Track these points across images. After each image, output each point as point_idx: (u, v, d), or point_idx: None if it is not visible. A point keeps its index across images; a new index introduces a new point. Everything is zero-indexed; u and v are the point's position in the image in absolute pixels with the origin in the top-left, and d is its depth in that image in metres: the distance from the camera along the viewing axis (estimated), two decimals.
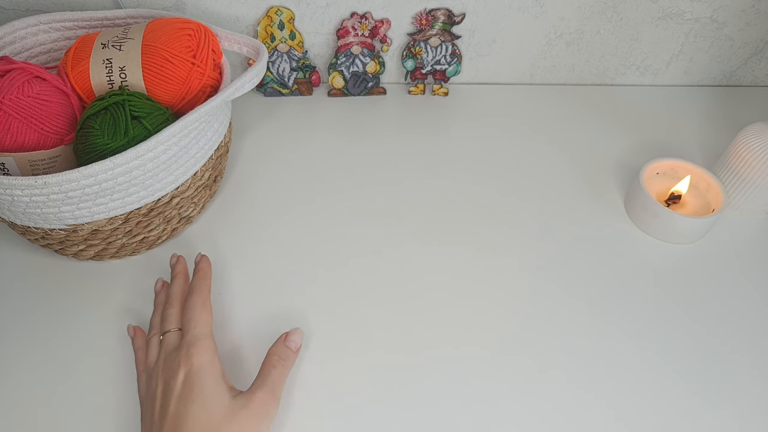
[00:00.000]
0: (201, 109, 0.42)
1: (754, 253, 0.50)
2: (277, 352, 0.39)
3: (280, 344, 0.39)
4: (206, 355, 0.35)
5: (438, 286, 0.46)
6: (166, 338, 0.38)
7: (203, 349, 0.36)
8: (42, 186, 0.37)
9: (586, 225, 0.52)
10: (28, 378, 0.40)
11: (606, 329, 0.44)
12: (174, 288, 0.42)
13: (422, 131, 0.61)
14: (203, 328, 0.37)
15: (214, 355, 0.36)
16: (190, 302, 0.39)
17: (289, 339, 0.40)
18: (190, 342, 0.36)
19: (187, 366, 0.35)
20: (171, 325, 0.38)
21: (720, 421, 0.39)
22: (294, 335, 0.40)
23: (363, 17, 0.59)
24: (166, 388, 0.34)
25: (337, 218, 0.51)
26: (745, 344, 0.44)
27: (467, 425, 0.38)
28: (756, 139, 0.49)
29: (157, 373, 0.36)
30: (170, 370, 0.35)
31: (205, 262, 0.44)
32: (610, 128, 0.62)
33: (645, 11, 0.60)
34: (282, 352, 0.39)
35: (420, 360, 0.42)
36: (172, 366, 0.35)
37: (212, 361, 0.36)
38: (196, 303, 0.39)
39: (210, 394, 0.34)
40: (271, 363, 0.38)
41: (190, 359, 0.35)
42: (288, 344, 0.39)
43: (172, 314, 0.39)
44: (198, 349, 0.35)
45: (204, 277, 0.42)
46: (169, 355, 0.36)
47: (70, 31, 0.52)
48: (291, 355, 0.39)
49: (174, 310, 0.40)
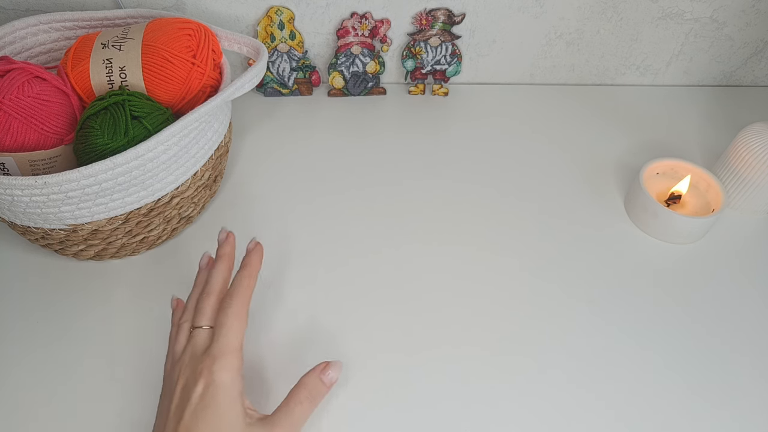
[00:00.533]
0: (201, 109, 0.42)
1: (754, 253, 0.50)
2: (308, 385, 0.36)
3: (315, 377, 0.36)
4: (230, 372, 0.33)
5: (438, 286, 0.46)
6: (194, 334, 0.35)
7: (229, 365, 0.33)
8: (42, 186, 0.37)
9: (586, 225, 0.52)
10: (28, 378, 0.40)
11: (606, 329, 0.44)
12: (215, 276, 0.38)
13: (422, 131, 0.61)
14: (234, 339, 0.34)
15: (237, 374, 0.34)
16: (229, 306, 0.35)
17: (325, 373, 0.36)
18: (217, 355, 0.33)
19: (208, 379, 0.32)
20: (203, 320, 0.36)
21: (720, 421, 0.39)
22: (333, 370, 0.37)
23: (363, 17, 0.59)
24: (184, 393, 0.33)
25: (337, 218, 0.51)
26: (745, 344, 0.44)
27: (467, 425, 0.38)
28: (756, 139, 0.49)
29: (182, 367, 0.34)
30: (192, 374, 0.33)
31: (257, 254, 0.40)
32: (610, 128, 0.62)
33: (645, 11, 0.60)
34: (314, 388, 0.36)
35: (420, 360, 0.42)
36: (195, 371, 0.33)
37: (234, 379, 0.33)
38: (234, 309, 0.35)
39: (223, 415, 0.32)
40: (298, 398, 0.35)
41: (212, 374, 0.33)
42: (324, 379, 0.36)
43: (207, 308, 0.36)
44: (223, 364, 0.33)
45: (251, 275, 0.38)
46: (194, 355, 0.34)
47: (70, 31, 0.52)
48: (323, 391, 0.36)
49: (209, 303, 0.36)
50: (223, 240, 0.41)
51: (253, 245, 0.41)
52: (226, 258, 0.39)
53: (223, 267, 0.39)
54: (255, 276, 0.38)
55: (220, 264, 0.39)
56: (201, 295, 0.37)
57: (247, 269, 0.38)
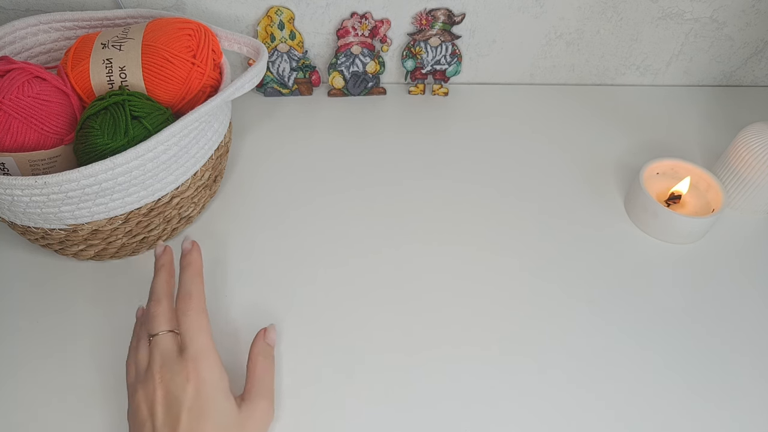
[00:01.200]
0: (201, 109, 0.42)
1: (754, 253, 0.50)
2: (262, 352, 0.38)
3: (262, 344, 0.39)
4: (216, 369, 0.34)
5: (438, 286, 0.46)
6: (157, 341, 0.35)
7: (212, 363, 0.34)
8: (42, 186, 0.37)
9: (586, 225, 0.52)
10: (28, 378, 0.41)
11: (606, 329, 0.44)
12: (159, 283, 0.38)
13: (422, 131, 0.61)
14: (206, 337, 0.35)
15: (222, 368, 0.35)
16: (188, 308, 0.36)
17: (268, 336, 0.40)
18: (197, 356, 0.34)
19: (197, 380, 0.33)
20: (161, 326, 0.35)
21: (720, 421, 0.39)
22: (271, 332, 0.40)
23: (363, 17, 0.59)
24: (172, 400, 0.33)
25: (337, 218, 0.51)
26: (745, 344, 0.44)
27: (467, 425, 0.38)
28: (756, 139, 0.49)
29: (154, 377, 0.33)
30: (174, 382, 0.33)
31: (196, 252, 0.40)
32: (610, 128, 0.62)
33: (645, 11, 0.60)
34: (267, 352, 0.38)
35: (420, 360, 0.42)
36: (175, 378, 0.33)
37: (221, 374, 0.34)
38: (194, 309, 0.36)
39: (222, 410, 0.33)
40: (262, 367, 0.37)
41: (201, 373, 0.33)
42: (269, 342, 0.39)
43: (161, 314, 0.36)
44: (207, 363, 0.34)
45: (197, 272, 0.38)
46: (167, 362, 0.34)
47: (70, 31, 0.52)
48: (272, 352, 0.39)
49: (161, 309, 0.36)
50: (160, 253, 0.40)
51: (189, 244, 0.41)
52: (166, 267, 0.39)
53: (164, 274, 0.39)
54: (201, 273, 0.39)
55: (161, 273, 0.39)
56: (150, 304, 0.37)
57: (191, 268, 0.39)
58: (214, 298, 0.45)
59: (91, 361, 0.41)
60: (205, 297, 0.38)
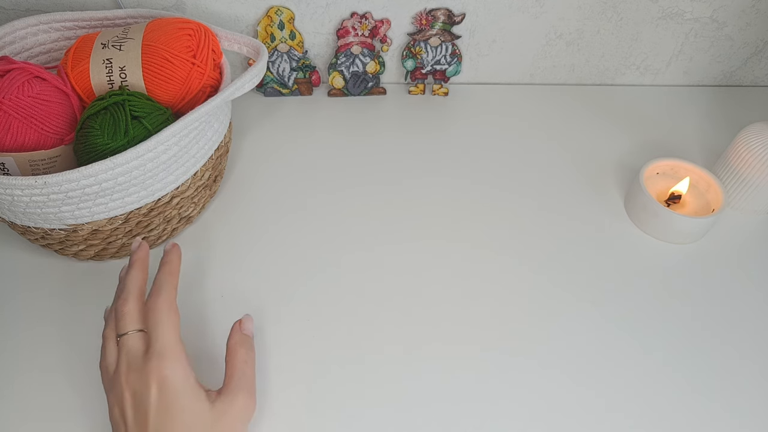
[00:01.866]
0: (201, 109, 0.42)
1: (754, 253, 0.50)
2: (240, 343, 0.37)
3: (239, 335, 0.38)
4: (179, 365, 0.33)
5: (438, 285, 0.46)
6: (123, 342, 0.34)
7: (175, 359, 0.33)
8: (42, 186, 0.37)
9: (586, 225, 0.52)
10: (28, 378, 0.41)
11: (606, 329, 0.44)
12: (129, 281, 0.36)
13: (422, 131, 0.61)
14: (172, 334, 0.34)
15: (187, 364, 0.34)
16: (156, 304, 0.35)
17: (244, 327, 0.39)
18: (161, 352, 0.33)
19: (160, 379, 0.32)
20: (129, 325, 0.34)
21: (720, 421, 0.39)
22: (247, 322, 0.39)
23: (363, 17, 0.59)
24: (139, 401, 0.32)
25: (337, 217, 0.51)
26: (746, 344, 0.44)
27: (467, 423, 0.38)
28: (756, 139, 0.49)
29: (120, 380, 0.33)
30: (140, 381, 0.32)
31: (176, 253, 0.39)
32: (610, 128, 0.62)
33: (645, 11, 0.60)
34: (245, 343, 0.38)
35: (420, 358, 0.42)
36: (141, 377, 0.32)
37: (186, 371, 0.33)
38: (163, 305, 0.35)
39: (190, 407, 0.32)
40: (242, 358, 0.36)
41: (162, 371, 0.32)
42: (246, 332, 0.39)
43: (129, 312, 0.35)
44: (170, 360, 0.33)
45: (172, 272, 0.37)
46: (133, 363, 0.33)
47: (70, 31, 0.52)
48: (251, 342, 0.38)
49: (130, 307, 0.35)
50: (136, 248, 0.39)
51: (170, 246, 0.40)
52: (139, 263, 0.38)
53: (135, 271, 0.37)
54: (177, 272, 0.38)
55: (133, 269, 0.37)
56: (118, 302, 0.36)
57: (167, 266, 0.38)
58: (212, 297, 0.45)
59: (91, 361, 0.41)
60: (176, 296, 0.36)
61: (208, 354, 0.41)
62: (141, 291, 0.36)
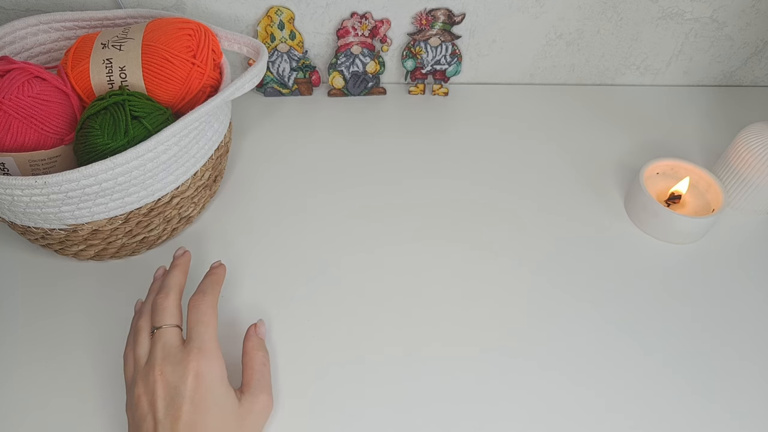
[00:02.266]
0: (201, 109, 0.42)
1: (754, 253, 0.50)
2: (256, 346, 0.39)
3: (255, 338, 0.40)
4: (217, 363, 0.34)
5: (438, 285, 0.46)
6: (161, 334, 0.35)
7: (214, 357, 0.35)
8: (42, 186, 0.37)
9: (585, 225, 0.52)
10: (28, 378, 0.41)
11: (605, 329, 0.44)
12: (171, 278, 0.38)
13: (422, 131, 0.61)
14: (212, 334, 0.35)
15: (223, 365, 0.35)
16: (203, 301, 0.36)
17: (259, 330, 0.41)
18: (201, 348, 0.34)
19: (198, 373, 0.33)
20: (166, 319, 0.36)
21: (720, 421, 0.39)
22: (260, 326, 0.41)
23: (363, 17, 0.59)
24: (173, 392, 0.33)
25: (337, 217, 0.51)
26: (746, 344, 0.44)
27: (467, 424, 0.38)
28: (756, 139, 0.49)
29: (154, 371, 0.33)
30: (175, 373, 0.33)
31: (223, 269, 0.41)
32: (610, 128, 0.62)
33: (645, 11, 0.60)
34: (261, 346, 0.39)
35: (419, 358, 0.42)
36: (177, 369, 0.33)
37: (222, 369, 0.35)
38: (208, 305, 0.36)
39: (223, 403, 0.34)
40: (260, 360, 0.38)
41: (201, 367, 0.33)
42: (261, 335, 0.40)
43: (168, 307, 0.36)
44: (209, 357, 0.34)
45: (218, 281, 0.39)
46: (169, 354, 0.34)
47: (70, 31, 0.52)
48: (264, 345, 0.40)
49: (170, 302, 0.36)
50: (180, 255, 0.42)
51: (218, 264, 0.42)
52: (182, 266, 0.40)
53: (178, 271, 0.39)
54: (221, 282, 0.40)
55: (176, 269, 0.39)
56: (158, 296, 0.37)
57: (213, 276, 0.40)
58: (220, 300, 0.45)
59: (90, 361, 0.41)
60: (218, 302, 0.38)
61: None
62: (181, 290, 0.38)
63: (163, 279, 0.39)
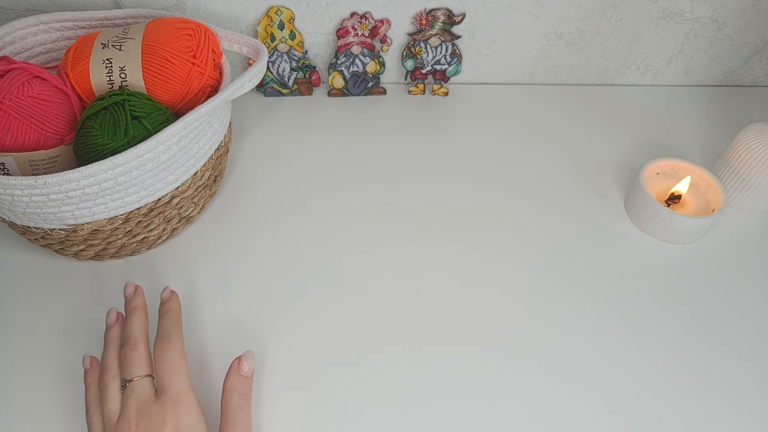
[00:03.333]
0: (201, 109, 0.42)
1: (755, 253, 0.50)
2: (235, 387, 0.36)
3: (236, 376, 0.36)
4: (194, 412, 0.33)
5: (437, 285, 0.46)
6: (133, 387, 0.34)
7: (191, 406, 0.33)
8: (42, 186, 0.37)
9: (585, 224, 0.52)
10: (28, 378, 0.40)
11: (605, 329, 0.44)
12: (134, 326, 0.37)
13: (422, 131, 0.61)
14: (185, 380, 0.34)
15: (200, 411, 0.34)
16: (169, 348, 0.35)
17: (242, 366, 0.37)
18: (176, 398, 0.33)
19: (175, 425, 0.32)
20: (138, 371, 0.34)
21: (720, 421, 0.39)
22: (246, 362, 0.37)
23: (363, 17, 0.59)
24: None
25: (337, 218, 0.51)
26: (746, 344, 0.44)
27: (467, 424, 0.38)
28: (756, 139, 0.49)
29: (129, 425, 0.32)
30: (151, 426, 0.32)
31: (176, 300, 0.40)
32: (610, 128, 0.62)
33: (645, 11, 0.60)
34: (241, 386, 0.36)
35: (420, 359, 0.42)
36: (153, 422, 0.32)
37: (199, 417, 0.33)
38: (176, 351, 0.35)
39: None
40: (236, 404, 0.35)
41: (178, 418, 0.32)
42: (244, 373, 0.37)
43: (138, 358, 0.35)
44: (186, 406, 0.33)
45: (177, 319, 0.38)
46: (144, 408, 0.33)
47: (70, 31, 0.52)
48: (249, 384, 0.37)
49: (140, 353, 0.35)
50: (131, 293, 0.40)
51: (168, 293, 0.40)
52: (140, 309, 0.38)
53: (139, 316, 0.38)
54: (180, 319, 0.38)
55: (136, 315, 0.38)
56: (125, 348, 0.36)
57: (171, 314, 0.38)
58: (213, 297, 0.45)
59: None
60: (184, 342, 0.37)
61: (208, 356, 0.41)
62: (146, 336, 0.37)
63: (126, 327, 0.37)
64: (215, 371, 0.40)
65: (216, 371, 0.40)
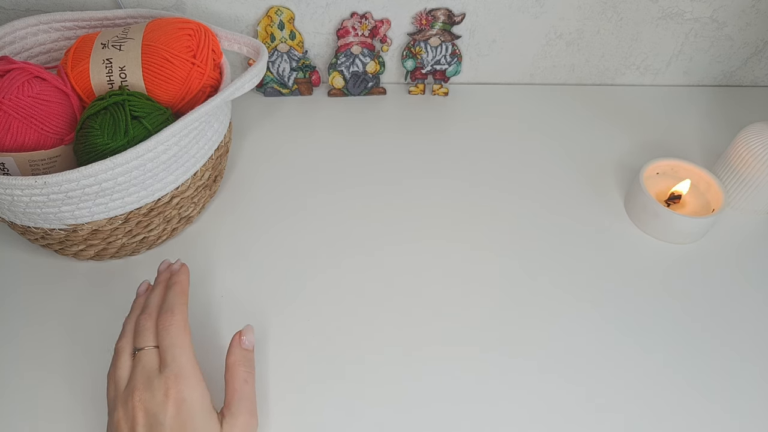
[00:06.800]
0: (201, 108, 0.42)
1: (754, 253, 0.50)
2: (239, 360, 0.37)
3: (238, 350, 0.37)
4: (197, 387, 0.33)
5: (438, 286, 0.46)
6: (141, 356, 0.34)
7: (194, 381, 0.33)
8: (42, 186, 0.37)
9: (586, 225, 0.52)
10: (27, 378, 0.41)
11: (605, 329, 0.44)
12: (154, 298, 0.38)
13: (422, 131, 0.61)
14: (188, 354, 0.34)
15: (203, 386, 0.34)
16: (171, 323, 0.35)
17: (244, 340, 0.38)
18: (178, 373, 0.33)
19: (178, 400, 0.32)
20: (147, 341, 0.35)
21: (720, 421, 0.39)
22: (247, 335, 0.38)
23: (363, 17, 0.59)
24: (153, 420, 0.32)
25: (337, 218, 0.51)
26: (746, 344, 0.43)
27: (467, 424, 0.38)
28: (756, 139, 0.49)
29: (134, 397, 0.32)
30: (154, 400, 0.32)
31: (185, 273, 0.40)
32: (610, 128, 0.62)
33: (645, 11, 0.60)
34: (244, 359, 0.37)
35: (420, 359, 0.42)
36: (156, 396, 0.32)
37: (203, 392, 0.33)
38: (179, 326, 0.35)
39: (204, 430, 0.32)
40: (241, 377, 0.36)
41: (180, 393, 0.32)
42: (246, 346, 0.38)
43: (148, 328, 0.35)
44: (188, 381, 0.33)
45: (183, 292, 0.38)
46: (148, 379, 0.33)
47: (70, 31, 0.52)
48: (252, 357, 0.38)
49: (150, 323, 0.36)
50: (164, 270, 0.41)
51: (179, 265, 0.41)
52: (163, 284, 0.39)
53: (161, 289, 0.39)
54: (187, 292, 0.39)
55: (160, 287, 0.39)
56: (141, 316, 0.36)
57: (177, 286, 0.38)
58: (213, 297, 0.45)
59: (91, 361, 0.41)
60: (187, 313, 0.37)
61: (209, 353, 0.41)
62: None
63: (147, 297, 0.38)
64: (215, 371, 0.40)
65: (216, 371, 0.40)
